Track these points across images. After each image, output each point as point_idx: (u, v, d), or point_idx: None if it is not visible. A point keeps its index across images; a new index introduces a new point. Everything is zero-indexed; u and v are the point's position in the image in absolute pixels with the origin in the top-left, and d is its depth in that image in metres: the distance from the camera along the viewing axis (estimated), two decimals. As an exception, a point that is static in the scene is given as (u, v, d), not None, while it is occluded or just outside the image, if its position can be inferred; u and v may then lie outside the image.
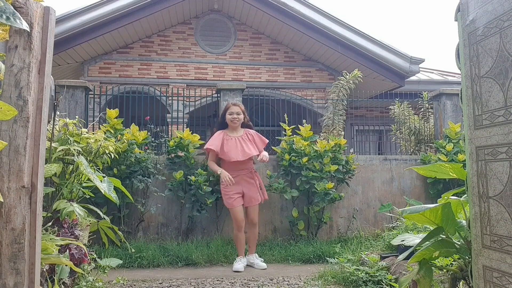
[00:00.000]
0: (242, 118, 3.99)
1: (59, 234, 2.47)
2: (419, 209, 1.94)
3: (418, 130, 6.20)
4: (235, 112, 3.96)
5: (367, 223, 5.12)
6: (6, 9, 1.51)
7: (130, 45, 8.20)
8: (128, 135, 4.48)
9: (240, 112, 3.98)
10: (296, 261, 4.16)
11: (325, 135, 5.86)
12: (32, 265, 1.64)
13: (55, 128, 2.91)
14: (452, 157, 5.09)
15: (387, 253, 3.45)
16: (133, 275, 3.56)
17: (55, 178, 2.80)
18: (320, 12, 7.46)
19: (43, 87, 1.73)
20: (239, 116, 3.97)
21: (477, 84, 1.70)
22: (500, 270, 1.55)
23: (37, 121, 1.70)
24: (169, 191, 4.62)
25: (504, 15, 1.54)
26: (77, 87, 5.34)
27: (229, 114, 3.96)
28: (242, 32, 8.60)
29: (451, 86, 8.67)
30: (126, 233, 4.43)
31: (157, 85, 7.72)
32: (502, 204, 1.54)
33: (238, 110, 3.97)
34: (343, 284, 3.11)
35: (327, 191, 4.62)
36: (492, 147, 1.60)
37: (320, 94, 8.59)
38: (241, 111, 3.99)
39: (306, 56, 8.69)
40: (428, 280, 1.91)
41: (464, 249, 1.91)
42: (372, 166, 5.32)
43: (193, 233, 4.69)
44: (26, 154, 1.64)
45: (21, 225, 1.62)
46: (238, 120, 3.96)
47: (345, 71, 6.36)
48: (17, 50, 1.66)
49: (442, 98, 6.04)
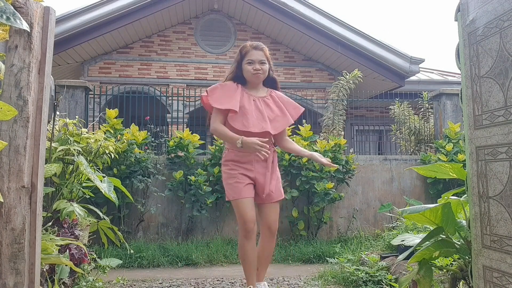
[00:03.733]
0: (267, 69, 2.56)
1: (59, 234, 2.47)
2: (419, 209, 1.94)
3: (418, 130, 6.20)
4: (258, 60, 2.50)
5: (367, 223, 5.12)
6: (6, 9, 1.51)
7: (130, 45, 8.20)
8: (128, 135, 4.48)
9: (265, 61, 2.53)
10: (296, 261, 4.16)
11: (325, 135, 5.87)
12: (32, 265, 1.64)
13: (55, 128, 2.91)
14: (452, 157, 5.09)
15: (387, 253, 3.45)
16: (133, 275, 3.56)
17: (55, 178, 2.80)
18: (320, 12, 7.46)
19: (43, 87, 1.73)
20: (264, 67, 2.52)
21: (477, 84, 1.70)
22: (500, 270, 1.55)
23: (37, 121, 1.70)
24: (169, 191, 4.62)
25: (504, 15, 1.54)
26: (77, 87, 5.35)
27: (248, 63, 2.51)
28: (242, 32, 8.60)
29: (451, 86, 8.67)
30: (126, 233, 4.44)
31: (157, 85, 7.72)
32: (502, 204, 1.54)
33: (262, 57, 2.51)
34: (343, 284, 3.11)
35: (327, 191, 4.62)
36: (492, 147, 1.60)
37: (320, 94, 8.59)
38: (265, 59, 2.53)
39: (306, 56, 8.69)
40: (428, 280, 1.91)
41: (464, 249, 1.91)
42: (372, 166, 5.32)
43: (193, 233, 4.69)
44: (26, 154, 1.64)
45: (21, 225, 1.62)
46: (262, 73, 2.52)
47: (345, 71, 6.36)
48: (17, 50, 1.66)
49: (442, 98, 6.04)
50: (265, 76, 2.56)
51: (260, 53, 2.51)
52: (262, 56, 2.51)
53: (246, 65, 2.50)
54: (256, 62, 2.49)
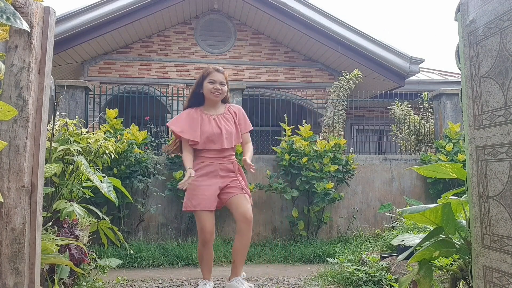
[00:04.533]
0: (226, 91, 2.92)
1: (59, 234, 2.47)
2: (419, 209, 1.94)
3: (418, 130, 6.20)
4: (219, 81, 2.83)
5: (367, 223, 5.12)
6: (6, 9, 1.51)
7: (130, 45, 8.21)
8: (128, 135, 4.48)
9: (224, 82, 2.89)
10: (296, 261, 4.16)
11: (325, 135, 5.87)
12: (32, 265, 1.64)
13: (55, 128, 2.91)
14: (452, 157, 5.09)
15: (387, 253, 3.45)
16: (133, 275, 3.56)
17: (55, 178, 2.80)
18: (320, 12, 7.46)
19: (43, 87, 1.73)
20: (223, 88, 2.86)
21: (477, 84, 1.70)
22: (500, 270, 1.55)
23: (37, 121, 1.70)
24: (169, 191, 4.62)
25: (504, 15, 1.54)
26: (77, 87, 5.35)
27: (209, 83, 2.82)
28: (242, 32, 8.60)
29: (451, 86, 8.67)
30: (126, 233, 4.44)
31: (157, 85, 7.72)
32: (502, 204, 1.54)
33: (222, 79, 2.86)
34: (343, 284, 3.11)
35: (327, 191, 4.62)
36: (492, 147, 1.60)
37: (320, 94, 8.59)
38: (225, 81, 2.89)
39: (306, 56, 8.69)
40: (428, 280, 1.91)
41: (464, 249, 1.91)
42: (372, 166, 5.32)
43: (193, 233, 4.69)
44: (26, 154, 1.64)
45: (21, 225, 1.62)
46: (221, 93, 2.86)
47: (345, 71, 6.36)
48: (17, 50, 1.66)
49: (442, 98, 6.05)
50: (223, 96, 2.91)
51: (221, 75, 2.87)
52: (222, 79, 2.87)
53: (208, 84, 2.83)
54: (217, 83, 2.83)
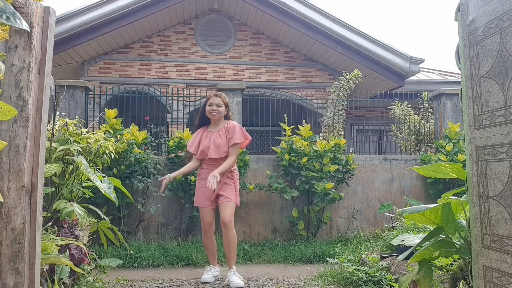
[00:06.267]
0: (223, 111, 3.49)
1: (59, 234, 2.47)
2: (419, 209, 1.94)
3: (418, 130, 6.20)
4: (215, 103, 3.45)
5: (367, 223, 5.12)
6: (6, 9, 1.51)
7: (130, 45, 8.21)
8: (128, 135, 4.48)
9: (221, 104, 3.46)
10: (296, 261, 4.16)
11: (325, 135, 5.86)
12: (32, 265, 1.64)
13: (55, 128, 2.91)
14: (452, 157, 5.09)
15: (387, 253, 3.45)
16: (133, 275, 3.56)
17: (55, 178, 2.80)
18: (320, 12, 7.46)
19: (43, 87, 1.73)
20: (220, 109, 3.45)
21: (477, 84, 1.70)
22: (500, 270, 1.55)
23: (37, 121, 1.70)
24: (169, 191, 4.62)
25: (504, 15, 1.54)
26: (77, 87, 5.34)
27: (208, 105, 3.47)
28: (242, 32, 8.60)
29: (451, 86, 8.67)
30: (126, 233, 4.44)
31: (157, 85, 7.72)
32: (502, 204, 1.54)
33: (219, 102, 3.45)
34: (343, 284, 3.11)
35: (327, 191, 4.62)
36: (492, 147, 1.60)
37: (320, 94, 8.59)
38: (222, 103, 3.47)
39: (306, 56, 8.69)
40: (428, 280, 1.91)
41: (464, 249, 1.91)
42: (372, 166, 5.32)
43: (193, 233, 4.69)
44: (26, 154, 1.64)
45: (21, 225, 1.62)
46: (217, 113, 3.44)
47: (345, 71, 6.36)
48: (17, 50, 1.66)
49: (442, 98, 6.04)
50: (220, 115, 3.49)
51: (218, 98, 3.47)
52: (219, 101, 3.47)
53: (207, 106, 3.48)
54: (214, 105, 3.45)
